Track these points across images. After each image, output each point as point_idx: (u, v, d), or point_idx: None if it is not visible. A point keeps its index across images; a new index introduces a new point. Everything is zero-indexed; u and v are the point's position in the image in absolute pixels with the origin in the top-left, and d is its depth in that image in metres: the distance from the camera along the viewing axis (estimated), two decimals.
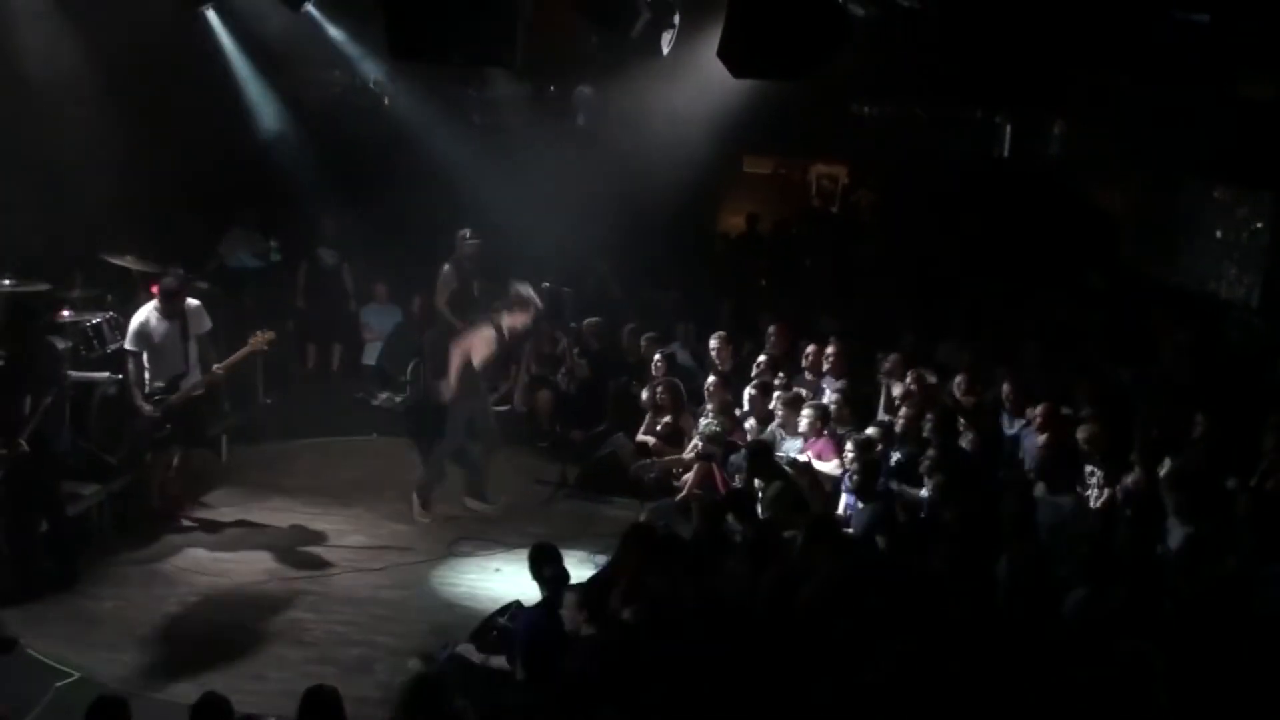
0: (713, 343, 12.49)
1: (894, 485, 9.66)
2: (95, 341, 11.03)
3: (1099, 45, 11.13)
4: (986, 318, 13.89)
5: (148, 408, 10.15)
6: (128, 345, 10.32)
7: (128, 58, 12.23)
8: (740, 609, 7.23)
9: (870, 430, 10.30)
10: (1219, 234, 14.30)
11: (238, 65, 14.27)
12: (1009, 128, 17.29)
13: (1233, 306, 13.77)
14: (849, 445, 9.72)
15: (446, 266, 12.84)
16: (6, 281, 10.73)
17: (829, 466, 10.15)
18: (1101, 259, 15.95)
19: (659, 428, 11.76)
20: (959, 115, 17.21)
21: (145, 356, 10.23)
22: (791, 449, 10.46)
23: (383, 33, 9.09)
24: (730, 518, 8.77)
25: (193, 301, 10.52)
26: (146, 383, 10.22)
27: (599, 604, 7.30)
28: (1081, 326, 13.39)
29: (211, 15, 13.17)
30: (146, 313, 10.30)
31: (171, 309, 10.26)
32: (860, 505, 9.15)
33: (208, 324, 10.58)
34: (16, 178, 11.47)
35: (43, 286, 11.00)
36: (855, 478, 9.21)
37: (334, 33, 14.14)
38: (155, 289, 10.61)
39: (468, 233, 12.80)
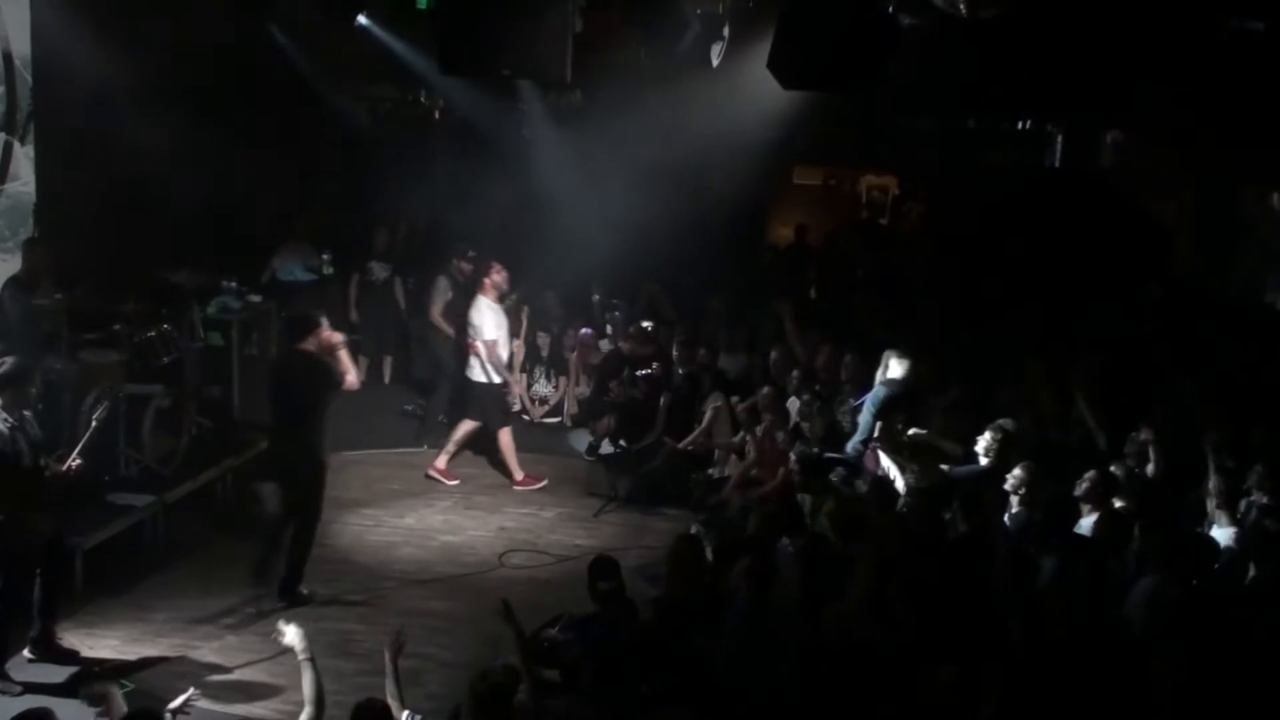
0: (773, 354, 12.50)
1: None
2: (150, 355, 11.12)
3: (1152, 54, 11.03)
4: (1040, 332, 13.75)
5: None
6: (487, 336, 11.83)
7: (194, 71, 12.37)
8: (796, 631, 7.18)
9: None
10: (1273, 243, 14.13)
11: (306, 76, 14.40)
12: (1060, 138, 17.17)
13: None
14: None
15: (442, 279, 13.22)
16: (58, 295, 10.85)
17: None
18: (1155, 270, 15.78)
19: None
20: (1010, 126, 17.10)
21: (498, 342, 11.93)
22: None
23: (434, 48, 9.14)
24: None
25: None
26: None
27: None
28: (1140, 339, 13.24)
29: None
30: (483, 303, 11.94)
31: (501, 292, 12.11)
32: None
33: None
34: (78, 191, 11.63)
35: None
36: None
37: (393, 44, 14.20)
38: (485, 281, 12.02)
39: (469, 251, 13.24)
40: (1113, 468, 9.13)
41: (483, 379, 11.98)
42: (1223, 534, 8.28)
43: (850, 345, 12.40)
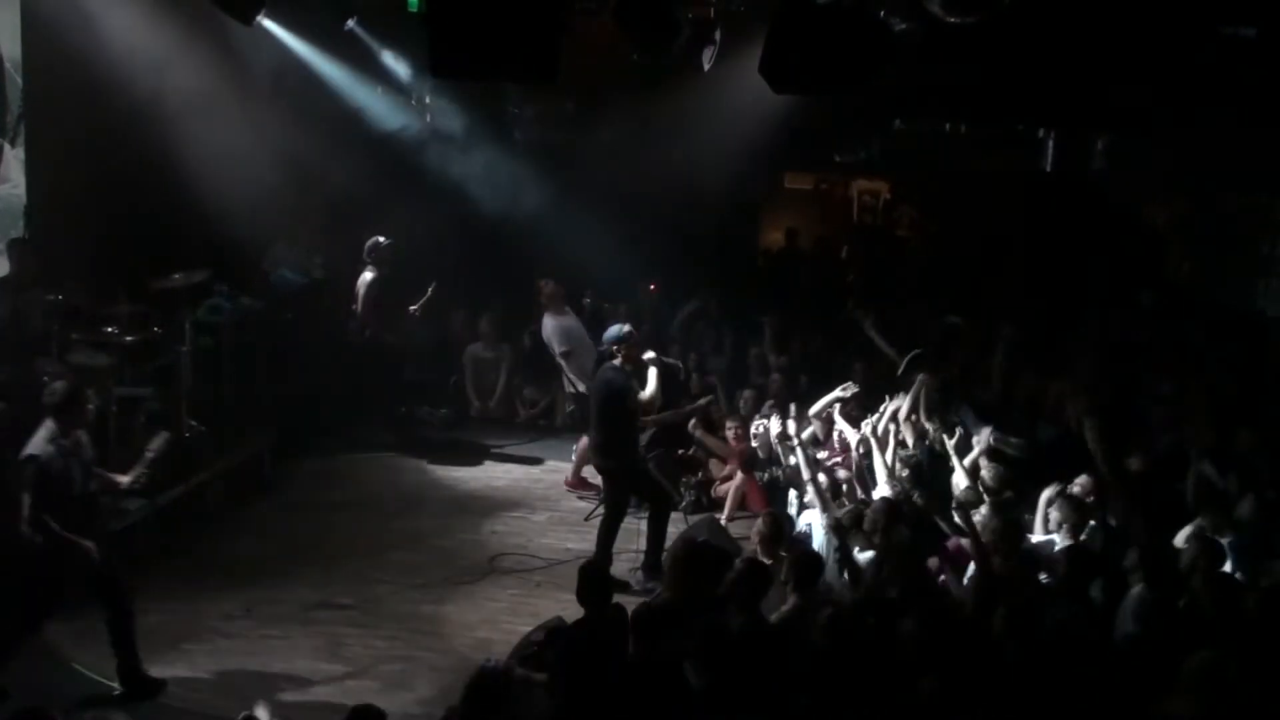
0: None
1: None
2: (140, 358, 11.09)
3: (1145, 59, 11.07)
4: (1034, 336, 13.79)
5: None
6: (561, 348, 12.01)
7: (185, 72, 12.35)
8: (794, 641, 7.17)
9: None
10: (1265, 250, 14.17)
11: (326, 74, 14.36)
12: (1052, 143, 17.20)
13: (1278, 324, 13.64)
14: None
15: (367, 274, 13.05)
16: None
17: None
18: (1147, 275, 15.83)
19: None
20: (1002, 130, 17.14)
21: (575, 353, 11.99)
22: None
23: (424, 52, 9.13)
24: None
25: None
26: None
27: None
28: (1131, 344, 13.28)
29: (274, 28, 13.25)
30: (554, 317, 12.16)
31: (562, 304, 12.29)
32: None
33: None
34: (68, 193, 11.61)
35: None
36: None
37: (381, 52, 14.17)
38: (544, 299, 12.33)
39: (381, 239, 13.09)
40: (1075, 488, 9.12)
41: (575, 390, 12.21)
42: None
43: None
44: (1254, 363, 12.33)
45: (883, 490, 9.43)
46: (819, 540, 9.02)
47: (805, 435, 10.60)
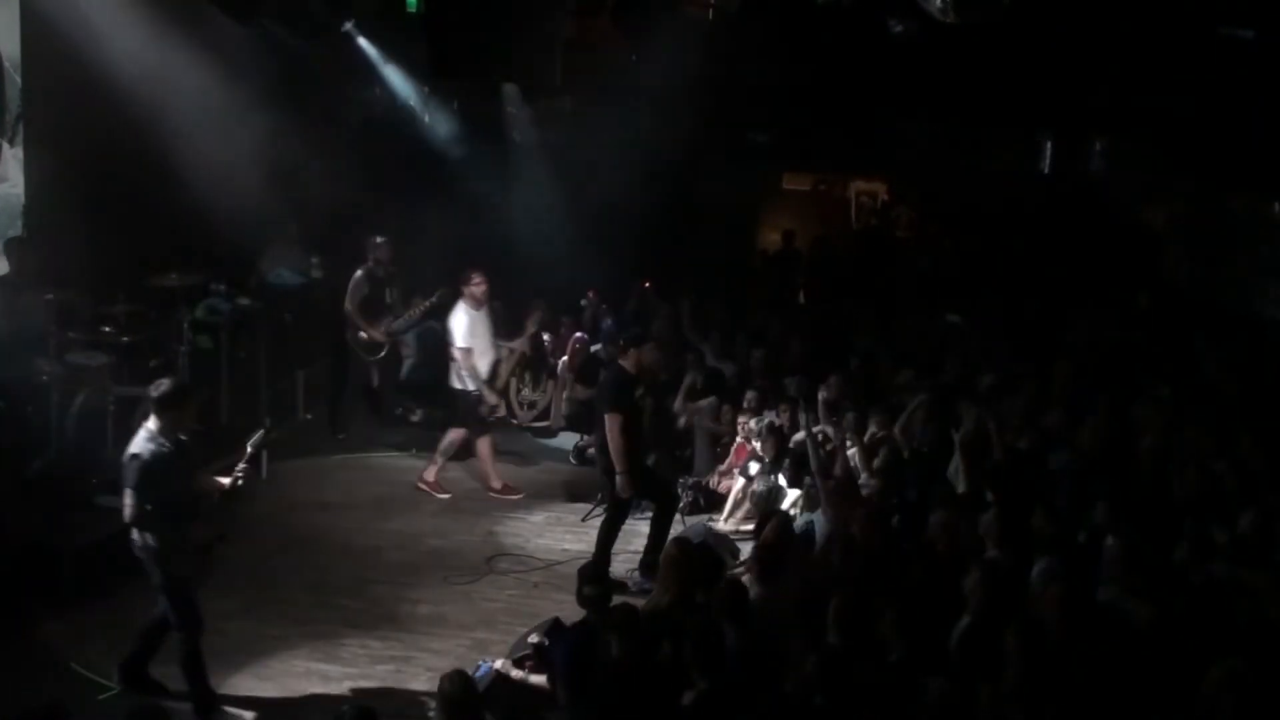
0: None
1: None
2: (138, 357, 11.09)
3: (1143, 61, 11.07)
4: (1029, 336, 13.81)
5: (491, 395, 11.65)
6: (461, 344, 11.60)
7: (183, 72, 12.35)
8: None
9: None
10: (1264, 251, 14.17)
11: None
12: (1050, 144, 17.21)
13: (1276, 326, 13.64)
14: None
15: (359, 272, 13.07)
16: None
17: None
18: (1145, 276, 15.84)
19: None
20: (1000, 131, 17.15)
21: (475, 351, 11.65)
22: None
23: (422, 52, 9.13)
24: None
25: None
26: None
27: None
28: (1127, 345, 13.29)
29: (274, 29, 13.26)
30: (462, 310, 11.71)
31: (480, 300, 11.75)
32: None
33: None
34: (66, 192, 11.60)
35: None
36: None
37: (372, 52, 14.15)
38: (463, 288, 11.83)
39: (379, 238, 13.10)
40: None
41: (459, 386, 11.95)
42: None
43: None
44: (1253, 365, 12.33)
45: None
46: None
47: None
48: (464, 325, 11.76)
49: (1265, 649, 6.56)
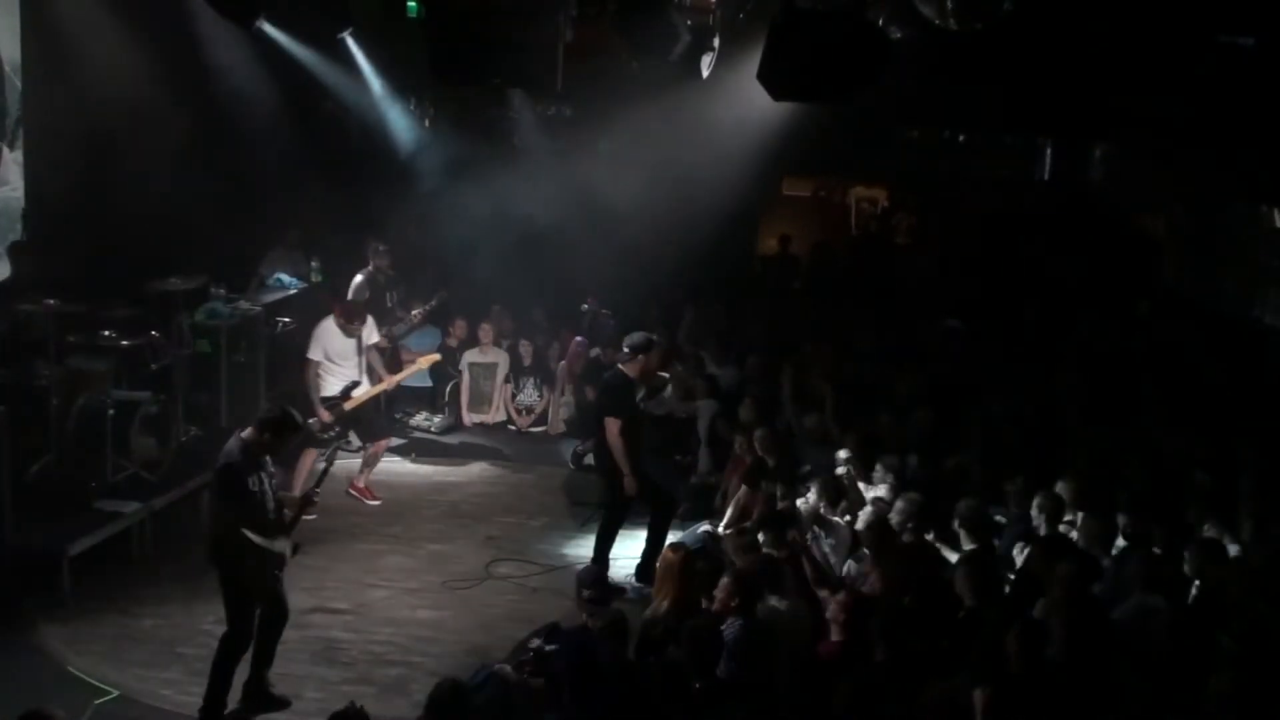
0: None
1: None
2: (138, 362, 11.09)
3: (1142, 68, 11.07)
4: (1027, 348, 13.80)
5: (324, 413, 11.18)
6: (310, 355, 11.29)
7: (184, 78, 12.36)
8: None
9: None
10: (1262, 259, 14.17)
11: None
12: (1049, 151, 17.22)
13: (1276, 333, 13.64)
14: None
15: (359, 277, 13.07)
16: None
17: None
18: (1143, 284, 15.84)
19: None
20: (999, 138, 17.17)
21: (323, 366, 11.29)
22: None
23: (424, 57, 9.14)
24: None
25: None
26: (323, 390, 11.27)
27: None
28: (1125, 353, 13.29)
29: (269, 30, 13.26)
30: (327, 326, 11.32)
31: (352, 326, 11.33)
32: None
33: (377, 337, 11.80)
34: (66, 196, 11.61)
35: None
36: None
37: (365, 64, 14.18)
38: (336, 307, 11.58)
39: (380, 245, 13.16)
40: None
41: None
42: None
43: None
44: (1251, 371, 12.34)
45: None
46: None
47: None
48: (327, 338, 11.41)
49: (1266, 655, 6.56)
